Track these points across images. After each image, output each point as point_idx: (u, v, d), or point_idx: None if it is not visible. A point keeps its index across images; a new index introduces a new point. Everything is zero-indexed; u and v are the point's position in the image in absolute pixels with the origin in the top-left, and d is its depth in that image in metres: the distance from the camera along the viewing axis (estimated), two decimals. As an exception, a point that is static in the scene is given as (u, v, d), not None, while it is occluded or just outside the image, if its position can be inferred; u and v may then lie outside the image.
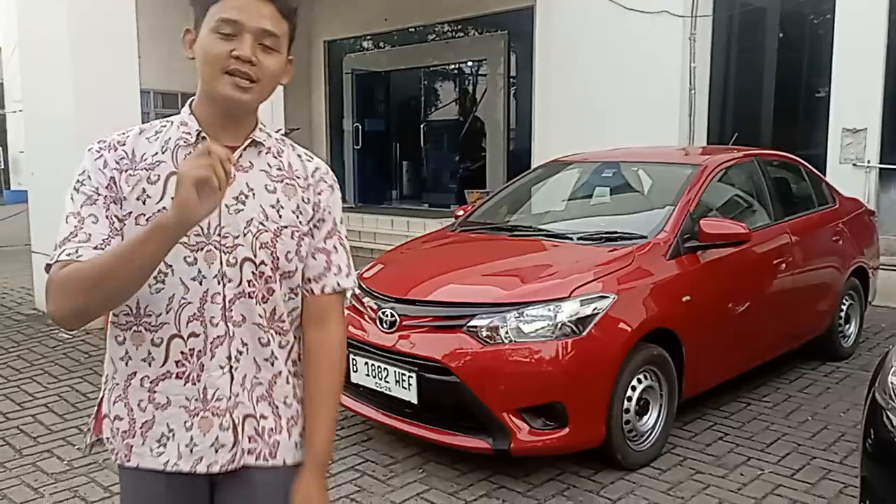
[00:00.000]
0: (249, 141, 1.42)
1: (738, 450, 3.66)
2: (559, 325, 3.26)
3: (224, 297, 1.37)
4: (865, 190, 6.88)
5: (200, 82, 1.37)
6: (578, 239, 3.99)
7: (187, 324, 1.36)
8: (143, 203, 1.34)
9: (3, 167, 18.06)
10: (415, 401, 3.36)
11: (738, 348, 4.19)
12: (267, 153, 1.44)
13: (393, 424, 3.53)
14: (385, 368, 3.46)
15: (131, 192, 1.34)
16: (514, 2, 9.90)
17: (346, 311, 3.80)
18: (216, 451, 1.39)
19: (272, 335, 1.42)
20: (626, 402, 3.40)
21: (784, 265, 4.47)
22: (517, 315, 3.29)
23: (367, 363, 3.54)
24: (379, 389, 3.50)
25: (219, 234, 1.36)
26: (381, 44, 12.97)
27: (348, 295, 1.57)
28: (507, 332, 3.26)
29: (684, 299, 3.71)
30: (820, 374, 4.79)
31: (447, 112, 13.32)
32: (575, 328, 3.26)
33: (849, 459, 3.48)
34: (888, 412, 2.33)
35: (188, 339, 1.36)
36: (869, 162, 7.00)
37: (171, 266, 1.34)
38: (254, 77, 1.33)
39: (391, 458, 3.57)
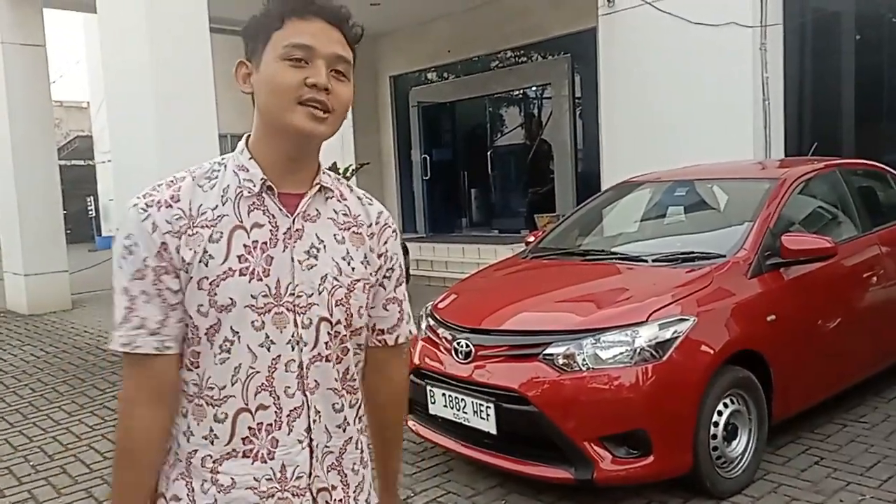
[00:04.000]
0: (318, 187, 1.31)
1: (836, 474, 3.48)
2: (638, 351, 3.19)
3: (301, 363, 1.25)
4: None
5: (262, 117, 1.26)
6: (654, 261, 3.92)
7: (255, 395, 1.23)
8: (206, 265, 1.20)
9: (94, 215, 19.11)
10: (494, 431, 3.34)
11: (830, 367, 4.00)
12: (332, 198, 1.34)
13: (473, 455, 3.52)
14: (462, 399, 3.46)
15: (193, 255, 1.20)
16: (576, 24, 9.91)
17: (421, 343, 3.85)
18: None
19: (345, 398, 1.32)
20: (712, 428, 3.29)
21: (875, 278, 4.26)
22: (594, 341, 3.24)
23: (444, 394, 3.55)
24: (457, 420, 3.50)
25: (292, 294, 1.24)
26: (446, 74, 13.16)
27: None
28: (584, 359, 3.22)
29: (769, 319, 3.58)
30: (921, 392, 4.52)
31: (513, 137, 13.35)
32: (654, 353, 3.19)
33: (960, 484, 3.26)
34: None
35: (256, 412, 1.23)
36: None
37: (237, 333, 1.21)
38: (329, 106, 1.22)
39: (472, 490, 3.55)
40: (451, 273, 9.80)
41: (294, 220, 1.27)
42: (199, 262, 1.20)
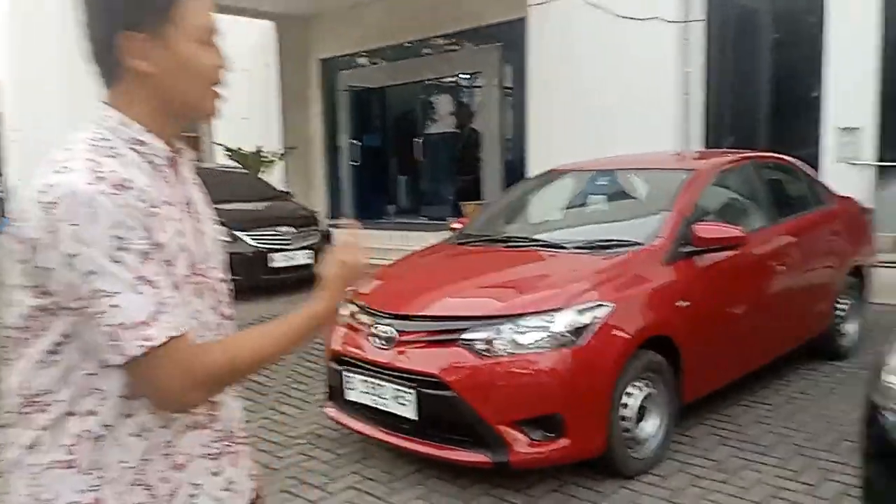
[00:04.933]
0: (181, 149, 1.29)
1: (739, 454, 3.63)
2: (556, 336, 3.25)
3: (221, 324, 1.29)
4: (862, 188, 6.87)
5: (165, 96, 1.19)
6: (574, 248, 3.99)
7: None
8: (163, 244, 1.14)
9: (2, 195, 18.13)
10: (413, 416, 3.35)
11: (737, 352, 4.17)
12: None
13: (391, 441, 3.51)
14: (382, 385, 3.45)
15: (158, 235, 1.13)
16: (507, 14, 9.95)
17: (342, 328, 3.81)
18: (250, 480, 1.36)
19: None
20: (625, 411, 3.39)
21: (781, 266, 4.45)
22: (513, 327, 3.28)
23: (363, 380, 3.53)
24: (376, 406, 3.48)
25: (205, 264, 1.24)
26: (376, 60, 13.03)
27: None
28: (503, 345, 3.25)
29: (682, 305, 3.69)
30: (820, 375, 4.77)
31: (443, 125, 13.35)
32: (572, 338, 3.25)
33: (850, 460, 3.44)
34: (885, 412, 2.31)
35: None
36: (864, 160, 6.99)
37: (199, 312, 1.22)
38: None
39: (391, 476, 3.55)
40: (378, 259, 9.75)
41: (186, 188, 1.27)
42: (160, 242, 1.13)
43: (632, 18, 7.95)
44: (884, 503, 2.34)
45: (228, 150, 12.62)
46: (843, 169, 7.02)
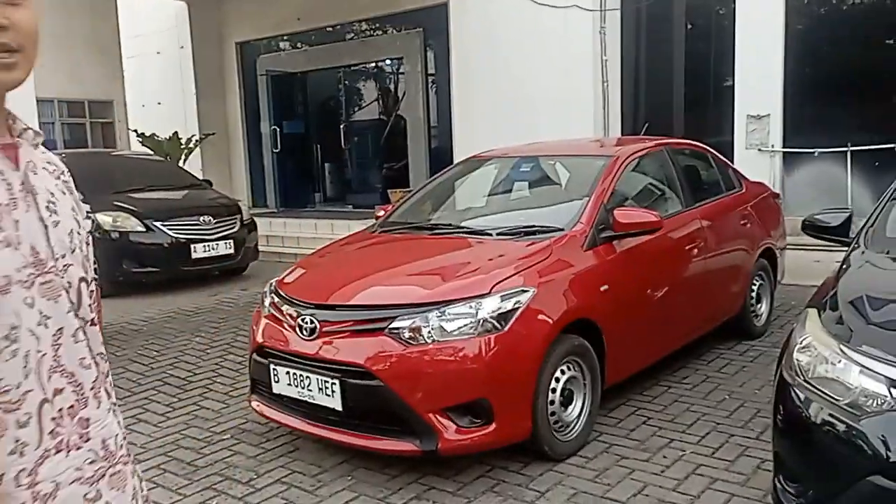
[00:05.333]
0: (31, 133, 1.15)
1: (661, 433, 3.75)
2: (481, 322, 3.25)
3: (84, 330, 1.15)
4: (771, 174, 7.19)
5: None
6: (498, 234, 4.01)
7: (49, 380, 1.07)
8: None
9: None
10: (339, 408, 3.30)
11: (657, 333, 4.29)
12: (38, 146, 1.19)
13: (318, 433, 3.46)
14: (307, 377, 3.38)
15: None
16: (428, -1, 9.92)
17: (265, 320, 3.74)
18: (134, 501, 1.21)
19: (105, 362, 1.22)
20: (550, 394, 3.43)
21: (696, 250, 4.60)
22: (439, 314, 3.27)
23: (288, 372, 3.46)
24: (302, 399, 3.42)
25: (54, 258, 1.11)
26: (297, 44, 12.76)
27: None
28: (429, 332, 3.24)
29: (602, 289, 3.77)
30: (735, 354, 4.97)
31: (368, 112, 13.23)
32: (497, 324, 3.27)
33: (764, 435, 3.60)
34: (794, 388, 2.42)
35: (54, 399, 1.09)
36: (773, 146, 7.31)
37: (18, 315, 1.05)
38: (13, 45, 1.06)
39: (319, 468, 3.50)
40: (303, 249, 9.58)
41: (24, 173, 1.11)
42: None
43: (551, 6, 8.04)
44: (794, 476, 2.45)
45: (140, 135, 12.15)
46: (754, 155, 7.33)
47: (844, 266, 2.87)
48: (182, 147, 12.15)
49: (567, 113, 7.96)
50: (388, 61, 12.54)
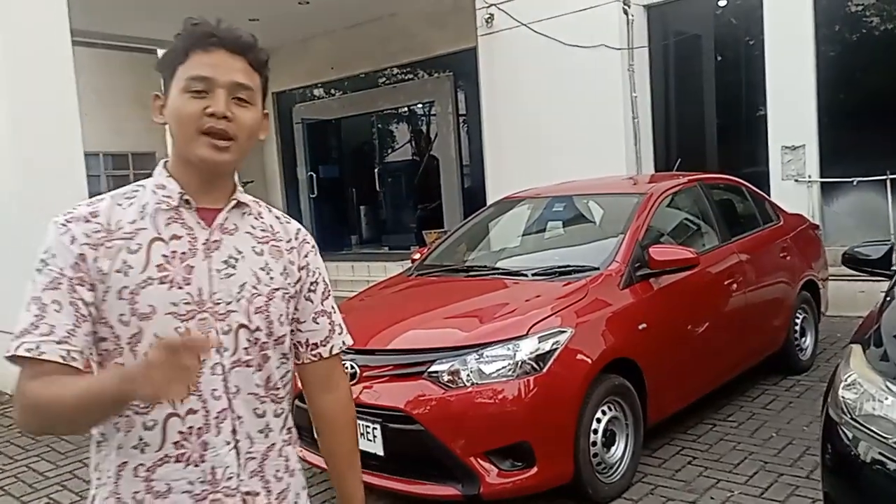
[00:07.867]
0: (234, 202, 1.37)
1: (707, 473, 3.68)
2: (519, 364, 3.26)
3: (224, 366, 1.30)
4: (809, 204, 7.09)
5: (175, 146, 1.33)
6: (533, 275, 4.03)
7: (183, 400, 1.22)
8: (125, 275, 1.25)
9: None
10: (381, 452, 3.32)
11: (698, 370, 4.24)
12: (249, 215, 1.40)
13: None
14: (349, 422, 3.41)
15: (111, 265, 1.25)
16: (457, 44, 10.10)
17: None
18: None
19: (267, 405, 1.37)
20: (592, 435, 3.41)
21: (735, 284, 4.56)
22: (477, 357, 3.29)
23: (330, 418, 3.49)
24: (344, 444, 3.44)
25: (212, 301, 1.29)
26: (331, 91, 13.07)
27: None
28: (468, 375, 3.26)
29: (641, 327, 3.75)
30: (781, 389, 4.86)
31: (401, 154, 13.42)
32: (535, 365, 3.27)
33: (814, 474, 3.51)
34: (841, 427, 2.37)
35: (186, 416, 1.27)
36: (810, 177, 7.22)
37: (161, 339, 1.19)
38: (230, 134, 1.28)
39: (361, 513, 3.50)
40: (342, 291, 9.67)
41: (212, 231, 1.33)
42: (118, 272, 1.25)
43: (578, 46, 8.13)
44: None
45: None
46: (791, 186, 7.24)
47: (888, 299, 2.82)
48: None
49: (598, 151, 7.97)
50: (419, 105, 12.76)
